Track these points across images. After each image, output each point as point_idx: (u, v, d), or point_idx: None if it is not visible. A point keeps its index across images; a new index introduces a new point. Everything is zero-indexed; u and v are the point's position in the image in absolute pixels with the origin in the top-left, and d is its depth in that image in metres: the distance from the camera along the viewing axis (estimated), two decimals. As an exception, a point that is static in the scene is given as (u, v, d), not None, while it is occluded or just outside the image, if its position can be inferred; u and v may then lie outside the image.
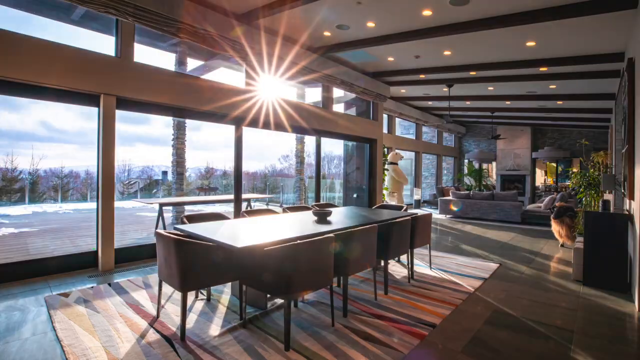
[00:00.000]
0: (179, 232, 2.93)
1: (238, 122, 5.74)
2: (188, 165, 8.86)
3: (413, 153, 12.93)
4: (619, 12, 4.24)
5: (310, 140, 9.84)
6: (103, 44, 4.43)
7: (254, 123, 5.98)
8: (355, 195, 9.39)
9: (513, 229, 7.99)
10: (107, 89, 4.31)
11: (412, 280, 4.08)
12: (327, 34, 5.81)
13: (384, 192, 10.12)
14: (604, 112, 9.61)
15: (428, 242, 4.45)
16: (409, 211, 4.77)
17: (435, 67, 7.29)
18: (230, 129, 5.78)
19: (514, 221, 8.93)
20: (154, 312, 3.07)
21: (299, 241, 2.53)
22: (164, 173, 15.65)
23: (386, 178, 10.44)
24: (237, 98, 5.63)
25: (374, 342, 2.60)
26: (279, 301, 3.32)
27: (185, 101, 5.02)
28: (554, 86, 7.98)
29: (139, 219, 9.23)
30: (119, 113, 4.46)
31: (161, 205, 6.66)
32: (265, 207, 9.12)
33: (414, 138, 13.09)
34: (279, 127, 6.39)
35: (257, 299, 3.20)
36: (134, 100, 4.57)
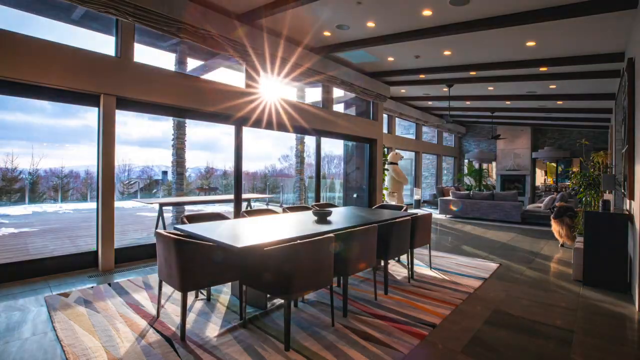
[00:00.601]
0: (179, 232, 2.94)
1: (239, 123, 5.74)
2: (188, 165, 8.86)
3: (413, 153, 12.93)
4: (619, 12, 4.24)
5: (310, 140, 9.85)
6: (103, 44, 4.43)
7: (256, 124, 5.99)
8: (355, 195, 9.39)
9: (513, 229, 7.99)
10: (107, 89, 4.30)
11: (412, 280, 4.08)
12: (327, 34, 5.81)
13: (384, 192, 10.12)
14: (604, 112, 9.61)
15: (428, 242, 4.45)
16: (409, 211, 4.77)
17: (435, 67, 7.29)
18: (230, 129, 5.79)
19: (514, 221, 8.93)
20: (154, 312, 3.07)
21: (299, 241, 2.53)
22: (164, 173, 15.65)
23: (386, 178, 10.44)
24: (238, 99, 5.63)
25: (374, 342, 2.60)
26: (279, 301, 3.32)
27: (186, 102, 5.01)
28: (554, 86, 7.98)
29: (138, 219, 9.23)
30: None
31: (161, 205, 6.66)
32: (265, 207, 9.12)
33: (414, 138, 13.09)
34: (280, 127, 6.39)
35: (257, 299, 3.20)
36: (134, 100, 4.57)
